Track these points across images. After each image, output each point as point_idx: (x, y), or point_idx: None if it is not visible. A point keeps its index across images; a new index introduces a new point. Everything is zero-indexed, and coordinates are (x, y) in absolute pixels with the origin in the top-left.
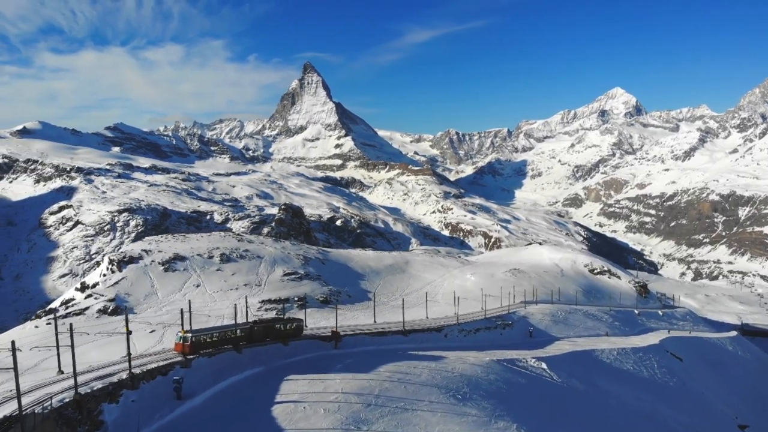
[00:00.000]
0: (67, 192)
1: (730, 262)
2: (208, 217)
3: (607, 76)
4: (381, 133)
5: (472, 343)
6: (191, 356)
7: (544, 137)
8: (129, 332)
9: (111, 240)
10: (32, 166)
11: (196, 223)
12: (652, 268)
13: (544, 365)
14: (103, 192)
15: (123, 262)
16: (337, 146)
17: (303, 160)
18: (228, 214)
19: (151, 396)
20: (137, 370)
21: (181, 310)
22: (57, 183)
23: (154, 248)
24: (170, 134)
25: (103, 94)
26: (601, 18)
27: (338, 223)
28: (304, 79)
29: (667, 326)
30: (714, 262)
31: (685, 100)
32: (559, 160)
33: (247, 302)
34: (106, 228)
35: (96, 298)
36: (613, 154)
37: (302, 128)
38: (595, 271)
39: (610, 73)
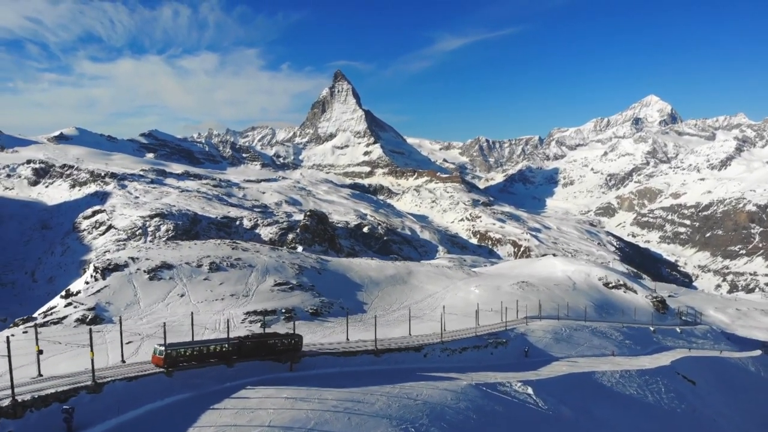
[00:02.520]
0: (101, 197)
1: (766, 275)
2: (237, 222)
3: (641, 84)
4: (410, 140)
5: (456, 364)
6: (166, 370)
7: (576, 145)
8: (40, 351)
9: (142, 244)
10: (68, 171)
11: (226, 228)
12: (687, 279)
13: (530, 390)
14: (136, 197)
15: (107, 270)
16: (366, 153)
17: (332, 167)
18: (257, 220)
19: (35, 427)
20: (27, 397)
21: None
22: (92, 188)
23: (141, 256)
24: (203, 141)
25: (139, 102)
26: (636, 25)
27: (365, 230)
28: (335, 87)
29: (685, 344)
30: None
31: (721, 108)
32: (592, 169)
33: (193, 316)
34: (137, 233)
35: (75, 307)
36: (647, 163)
37: (332, 136)
38: (610, 285)
39: (644, 80)
